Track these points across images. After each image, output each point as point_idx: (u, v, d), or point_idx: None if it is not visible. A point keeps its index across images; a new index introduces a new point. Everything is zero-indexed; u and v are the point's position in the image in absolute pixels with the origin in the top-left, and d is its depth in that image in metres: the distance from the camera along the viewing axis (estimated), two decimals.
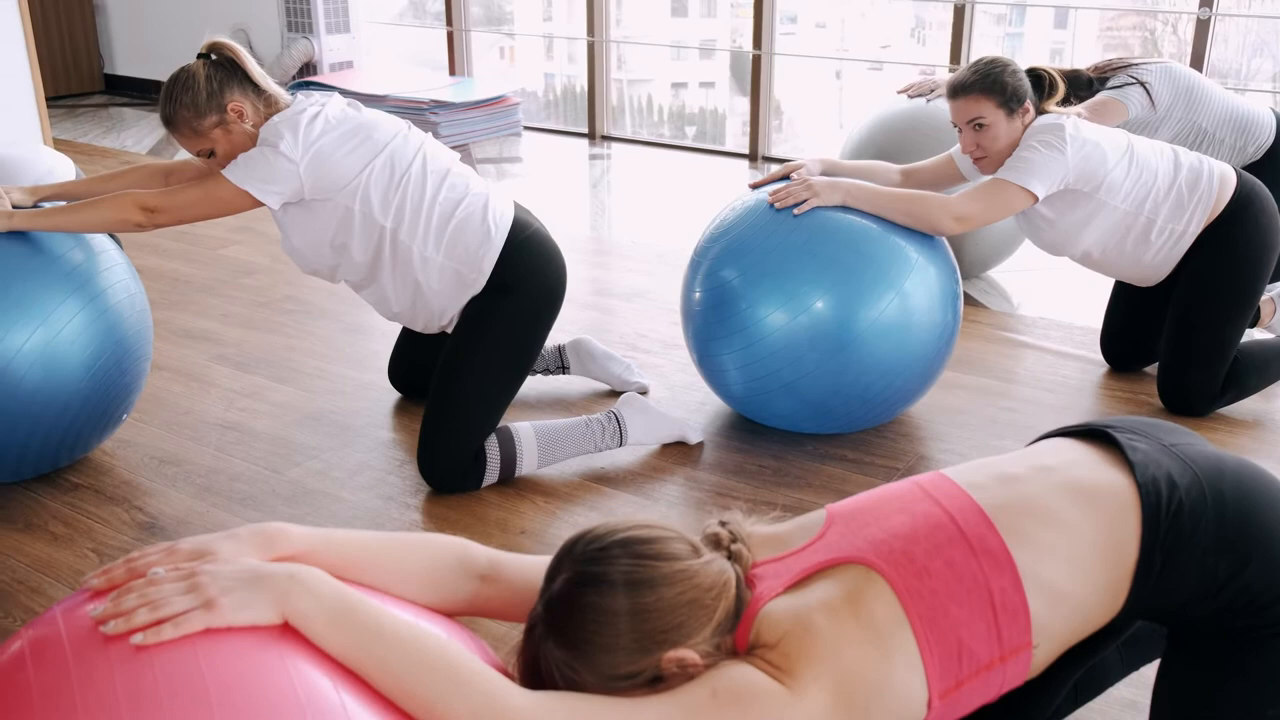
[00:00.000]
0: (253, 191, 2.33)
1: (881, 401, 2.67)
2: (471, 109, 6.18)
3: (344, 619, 1.13)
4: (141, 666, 1.04)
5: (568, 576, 1.24)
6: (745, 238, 2.64)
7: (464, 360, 2.50)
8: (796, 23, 7.65)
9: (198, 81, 2.38)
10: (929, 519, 1.35)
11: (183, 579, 1.13)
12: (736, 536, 1.36)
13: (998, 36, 6.93)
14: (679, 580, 1.23)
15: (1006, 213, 2.68)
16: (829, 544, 1.35)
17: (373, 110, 2.51)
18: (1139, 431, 1.47)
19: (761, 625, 1.27)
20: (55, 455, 2.56)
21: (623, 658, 1.20)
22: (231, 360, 3.31)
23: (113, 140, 6.37)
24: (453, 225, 2.47)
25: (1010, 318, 3.63)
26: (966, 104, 2.71)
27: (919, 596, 1.28)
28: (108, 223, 2.38)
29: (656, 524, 1.30)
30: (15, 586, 2.22)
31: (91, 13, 7.57)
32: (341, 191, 2.40)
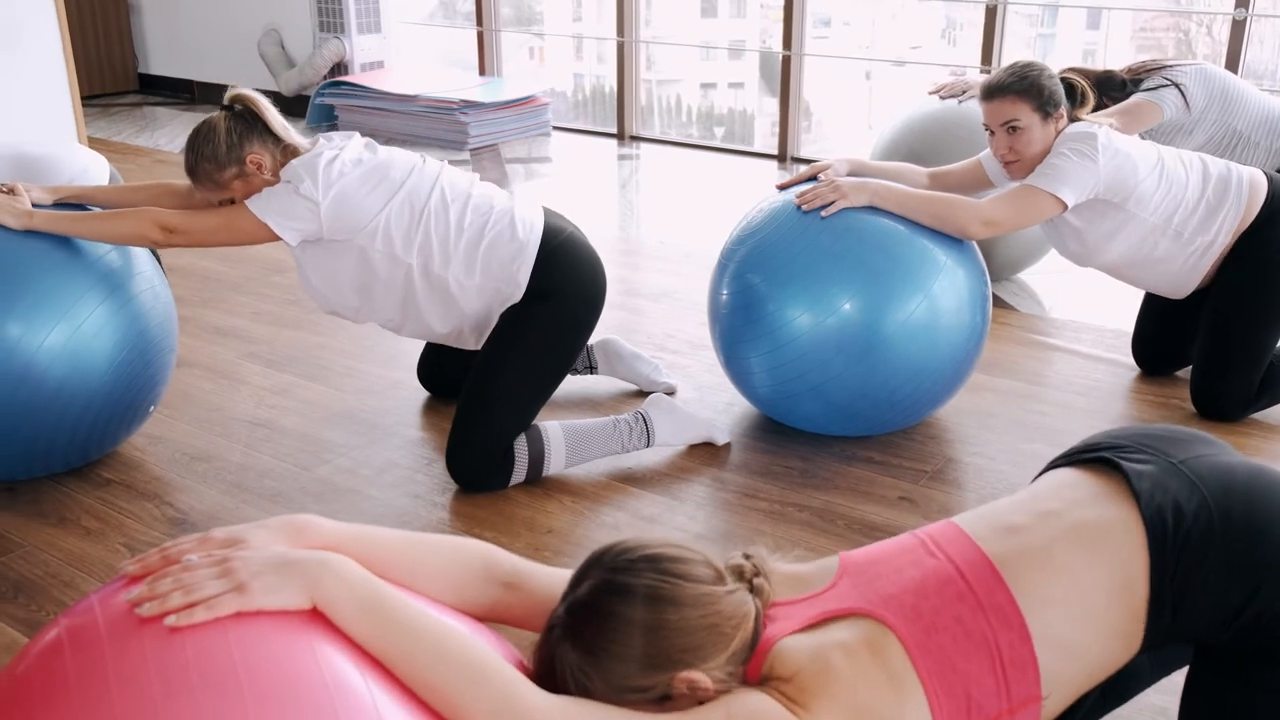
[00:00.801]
0: (272, 225, 2.37)
1: (909, 404, 2.66)
2: (501, 109, 6.19)
3: (372, 607, 1.15)
4: (174, 648, 1.07)
5: (593, 582, 1.26)
6: (773, 239, 2.63)
7: (500, 362, 2.50)
8: (830, 26, 7.63)
9: (218, 135, 2.43)
10: (938, 574, 1.36)
11: (216, 564, 1.15)
12: (760, 571, 1.36)
13: (1030, 37, 6.89)
14: (701, 603, 1.25)
15: (1035, 219, 2.66)
16: (840, 594, 1.36)
17: (388, 149, 2.53)
18: (1148, 449, 1.46)
19: (775, 660, 1.28)
20: (84, 449, 2.58)
21: (634, 670, 1.21)
22: (262, 358, 3.34)
23: (146, 139, 6.43)
24: (484, 246, 2.48)
25: (1040, 320, 3.61)
26: (1002, 105, 2.69)
27: (927, 651, 1.29)
28: (125, 236, 2.41)
29: (687, 547, 1.31)
30: (48, 580, 2.24)
31: (127, 13, 7.64)
32: (360, 232, 2.43)
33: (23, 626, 2.09)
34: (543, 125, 6.43)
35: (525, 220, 2.54)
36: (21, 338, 2.36)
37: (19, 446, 2.46)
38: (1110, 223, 2.76)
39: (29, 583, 2.23)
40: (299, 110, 6.87)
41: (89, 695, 1.04)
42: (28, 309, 2.37)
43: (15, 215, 2.40)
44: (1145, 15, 6.81)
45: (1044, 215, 2.65)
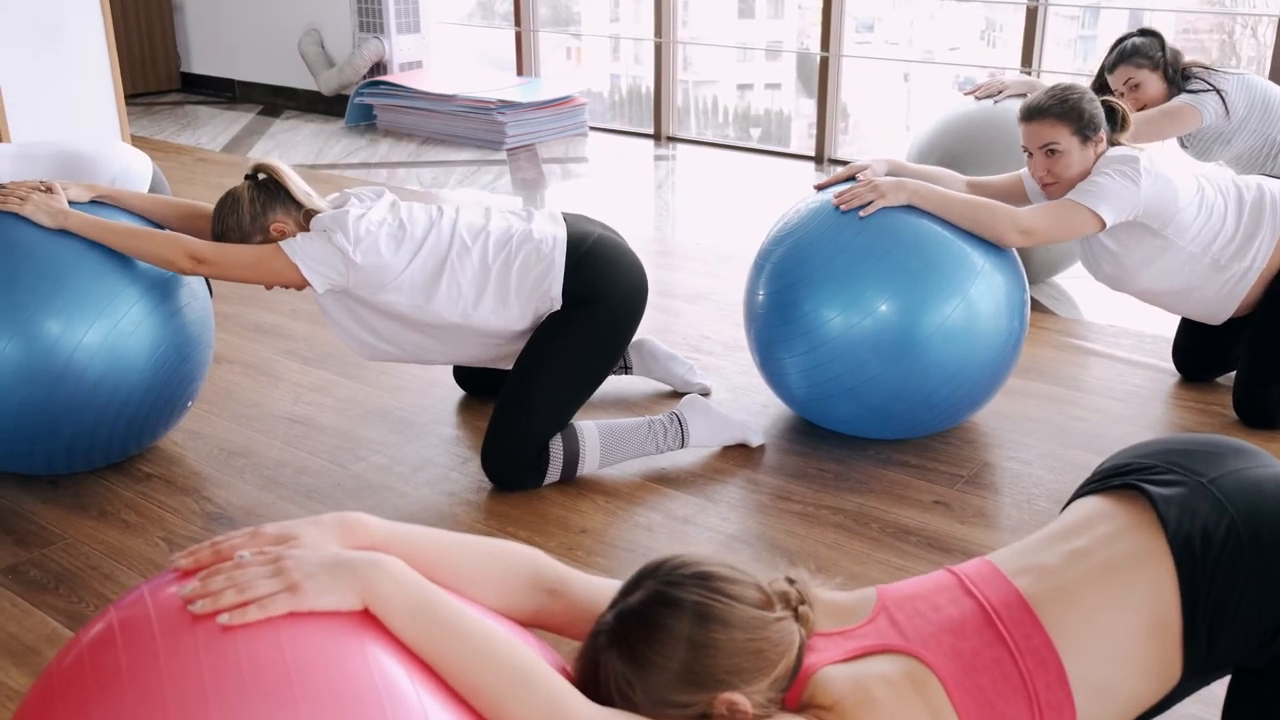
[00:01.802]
0: (302, 268, 2.39)
1: (945, 408, 2.64)
2: (538, 109, 6.21)
3: (422, 610, 1.15)
4: (226, 646, 1.07)
5: (645, 593, 1.26)
6: (809, 240, 2.62)
7: (540, 362, 2.51)
8: (874, 30, 7.59)
9: (242, 205, 2.47)
10: (976, 614, 1.37)
11: (268, 563, 1.16)
12: (805, 598, 1.36)
13: (1070, 39, 6.83)
14: (749, 626, 1.25)
15: (1072, 234, 2.64)
16: (879, 630, 1.36)
17: (408, 206, 2.55)
18: (1176, 468, 1.45)
19: (816, 688, 1.28)
20: (123, 444, 2.61)
21: (676, 684, 1.21)
22: (299, 355, 3.37)
23: (187, 138, 6.50)
24: (513, 276, 2.50)
25: (1078, 324, 3.57)
26: (1041, 128, 2.67)
27: (966, 691, 1.29)
28: (153, 258, 2.45)
29: (739, 569, 1.31)
30: (89, 572, 2.27)
31: (170, 12, 7.73)
32: (384, 289, 2.45)
33: (63, 617, 2.12)
34: (579, 125, 6.44)
35: (546, 236, 2.54)
36: (61, 335, 2.39)
37: (60, 442, 2.49)
38: (1147, 249, 2.75)
39: (70, 574, 2.26)
40: (338, 110, 6.92)
41: (143, 689, 1.04)
42: (67, 306, 2.40)
43: (51, 214, 2.44)
44: (1188, 16, 6.73)
45: (1081, 231, 2.63)
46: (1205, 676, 1.40)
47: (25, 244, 2.42)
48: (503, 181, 5.50)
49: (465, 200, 5.17)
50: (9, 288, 2.37)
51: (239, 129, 6.73)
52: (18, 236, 2.42)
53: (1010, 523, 2.44)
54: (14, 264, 2.39)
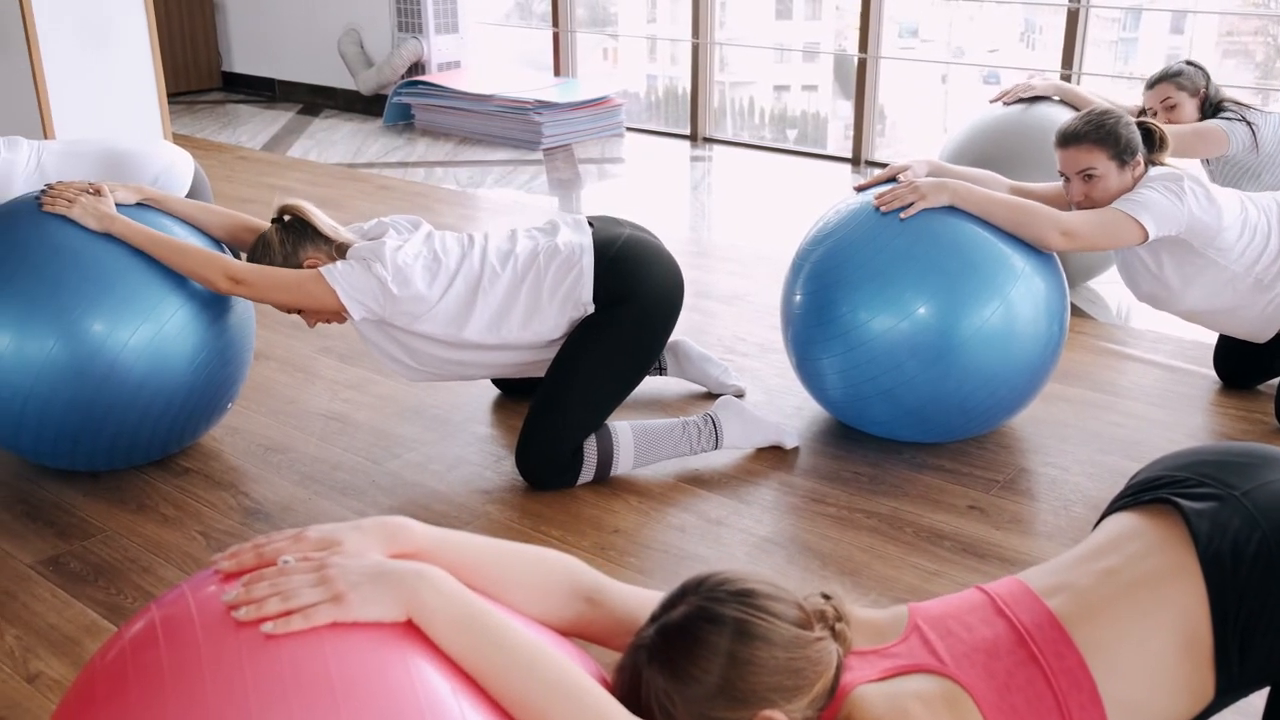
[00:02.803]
0: (340, 295, 2.41)
1: (982, 411, 2.62)
2: (575, 109, 6.22)
3: (467, 623, 1.14)
4: (269, 654, 1.07)
5: (687, 608, 1.26)
6: (848, 241, 2.61)
7: (576, 363, 2.52)
8: (917, 36, 7.55)
9: (273, 248, 2.51)
10: (1009, 634, 1.37)
11: (312, 570, 1.15)
12: (842, 616, 1.36)
13: (1111, 41, 6.76)
14: (790, 645, 1.25)
15: (1114, 242, 2.62)
16: (912, 649, 1.36)
17: (441, 236, 2.58)
18: (1210, 480, 1.44)
19: (852, 707, 1.28)
20: (164, 443, 2.64)
21: (716, 700, 1.21)
22: (336, 352, 3.39)
23: (228, 136, 6.56)
24: (544, 291, 2.52)
25: (1117, 329, 3.54)
26: (1077, 154, 2.66)
27: (1001, 712, 1.29)
28: (192, 274, 2.48)
29: (780, 586, 1.32)
30: (127, 565, 2.30)
31: (212, 12, 7.81)
32: (420, 319, 2.47)
33: (102, 609, 2.15)
34: (616, 126, 6.45)
35: (573, 245, 2.55)
36: (107, 337, 2.42)
37: (104, 440, 2.52)
38: (1190, 268, 2.72)
39: (109, 567, 2.29)
40: (377, 109, 6.97)
41: (186, 693, 1.05)
42: (113, 309, 2.43)
43: (97, 218, 2.47)
44: (1231, 19, 6.64)
45: (1124, 240, 2.61)
46: (1239, 692, 1.39)
47: (73, 247, 2.45)
48: (539, 181, 5.52)
49: (501, 200, 5.19)
50: (57, 289, 2.41)
51: (279, 128, 6.79)
52: (65, 239, 2.46)
53: (1046, 529, 2.42)
54: (61, 266, 2.43)
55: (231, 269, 2.44)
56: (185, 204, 2.68)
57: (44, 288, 2.41)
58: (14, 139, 3.38)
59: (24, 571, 2.28)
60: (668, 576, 2.22)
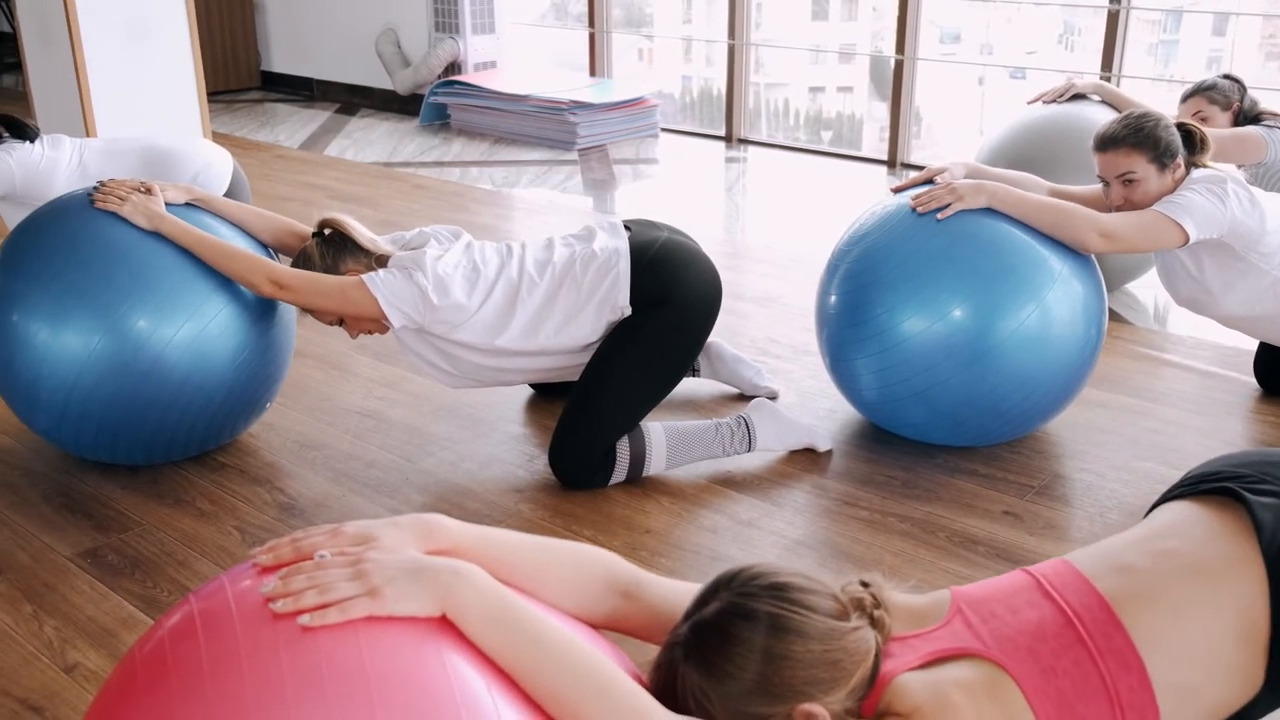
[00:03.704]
0: (382, 304, 2.43)
1: (1017, 415, 2.60)
2: (610, 110, 6.23)
3: (502, 619, 1.15)
4: (306, 646, 1.08)
5: (720, 604, 1.26)
6: (884, 242, 2.60)
7: (613, 362, 2.53)
8: (959, 42, 7.49)
9: (314, 262, 2.53)
10: (1056, 617, 1.35)
11: (349, 565, 1.16)
12: (880, 603, 1.35)
13: (1151, 44, 6.69)
14: (826, 637, 1.24)
15: (1154, 244, 2.59)
16: (954, 632, 1.35)
17: (480, 246, 2.59)
18: (1270, 477, 1.42)
19: (893, 695, 1.27)
20: (202, 440, 2.67)
21: (756, 697, 1.21)
22: (371, 350, 3.41)
23: (266, 135, 6.62)
24: (581, 297, 2.53)
25: (1155, 334, 3.51)
26: (1116, 158, 2.63)
27: (1045, 696, 1.28)
28: (236, 276, 2.51)
29: (814, 578, 1.31)
30: (164, 559, 2.32)
31: (252, 12, 7.88)
32: (459, 328, 2.49)
33: (139, 602, 2.17)
34: (651, 127, 6.45)
35: (608, 249, 2.56)
36: (152, 334, 2.45)
37: (144, 436, 2.55)
38: (1230, 272, 2.69)
39: (145, 560, 2.32)
40: (413, 109, 7.01)
41: (224, 684, 1.06)
42: (159, 307, 2.46)
43: (147, 216, 2.50)
44: (1274, 21, 6.56)
45: (1164, 242, 2.58)
46: None
47: (122, 244, 2.49)
48: (574, 182, 5.53)
49: (535, 200, 5.20)
50: (105, 286, 2.44)
51: (316, 127, 6.84)
52: (115, 236, 2.49)
53: (1081, 535, 2.40)
54: (110, 263, 2.46)
55: (275, 274, 2.47)
56: (233, 206, 2.71)
57: (92, 282, 2.44)
58: (57, 137, 3.42)
59: (63, 563, 2.31)
60: (699, 578, 2.20)
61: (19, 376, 2.49)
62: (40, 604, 2.17)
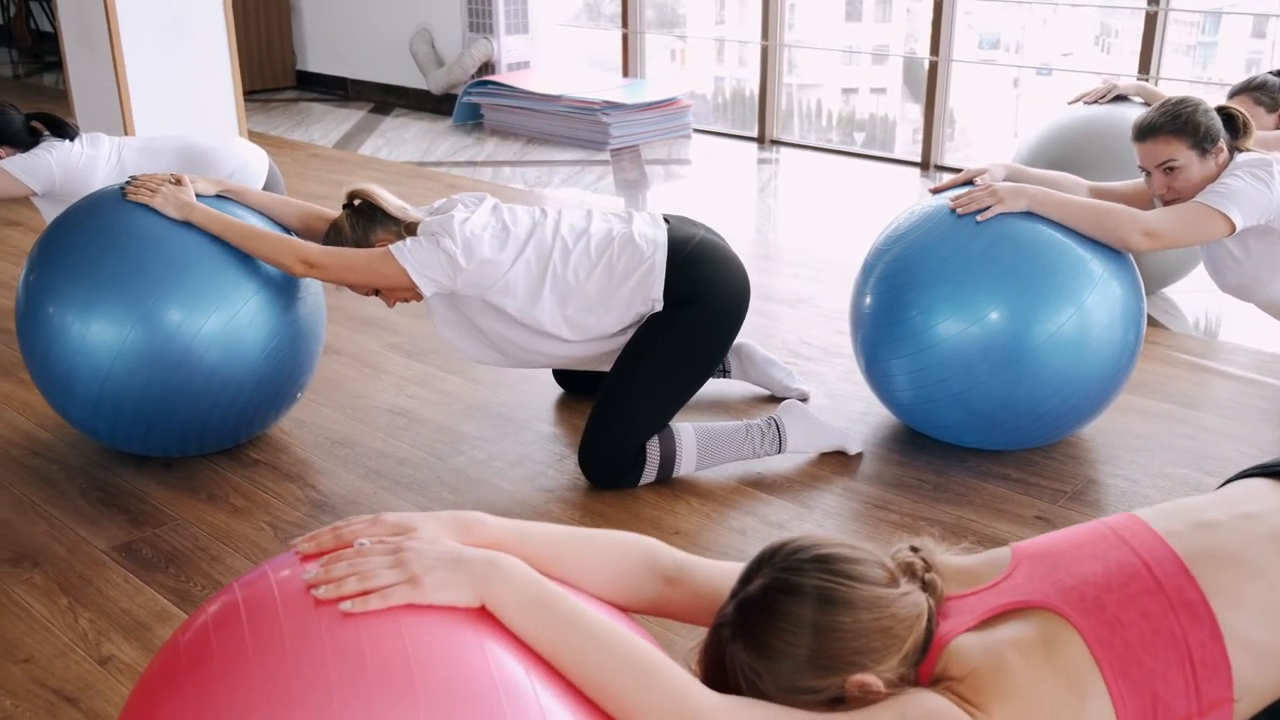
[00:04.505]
0: (411, 273, 2.44)
1: (1053, 419, 2.58)
2: (643, 110, 6.23)
3: (540, 607, 1.16)
4: (348, 631, 1.10)
5: (764, 581, 1.25)
6: (921, 243, 2.59)
7: (641, 361, 2.52)
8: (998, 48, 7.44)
9: (344, 234, 2.56)
10: (1123, 567, 1.31)
11: (389, 553, 1.17)
12: (930, 566, 1.33)
13: (1189, 45, 6.62)
14: (874, 606, 1.22)
15: (1200, 238, 2.55)
16: (1015, 586, 1.32)
17: (510, 209, 2.59)
18: None
19: (949, 659, 1.25)
20: (234, 431, 2.69)
21: (806, 671, 1.20)
22: (403, 348, 3.43)
23: (301, 134, 6.66)
24: (615, 279, 2.52)
25: (1192, 340, 3.47)
26: (1155, 146, 2.60)
27: (1110, 647, 1.24)
28: (267, 258, 2.53)
29: (859, 546, 1.29)
30: (197, 553, 2.34)
31: (288, 12, 7.94)
32: (490, 290, 2.49)
33: (173, 595, 2.19)
34: (683, 127, 6.45)
35: (647, 238, 2.55)
36: (182, 323, 2.47)
37: (176, 426, 2.58)
38: (1276, 257, 2.64)
39: (179, 554, 2.34)
40: (447, 109, 7.03)
41: (268, 669, 1.07)
42: (189, 297, 2.48)
43: (178, 207, 2.53)
44: None
45: (1210, 235, 2.54)
46: None
47: (153, 235, 2.52)
48: (606, 182, 5.53)
49: (568, 200, 5.21)
50: (137, 276, 2.47)
51: (350, 126, 6.88)
52: (147, 227, 2.52)
53: None
54: (142, 253, 2.49)
55: (304, 252, 2.49)
56: (261, 195, 2.74)
57: (125, 274, 2.47)
58: (96, 135, 3.46)
59: (98, 557, 2.33)
60: None
61: (54, 368, 2.52)
62: (76, 596, 2.20)
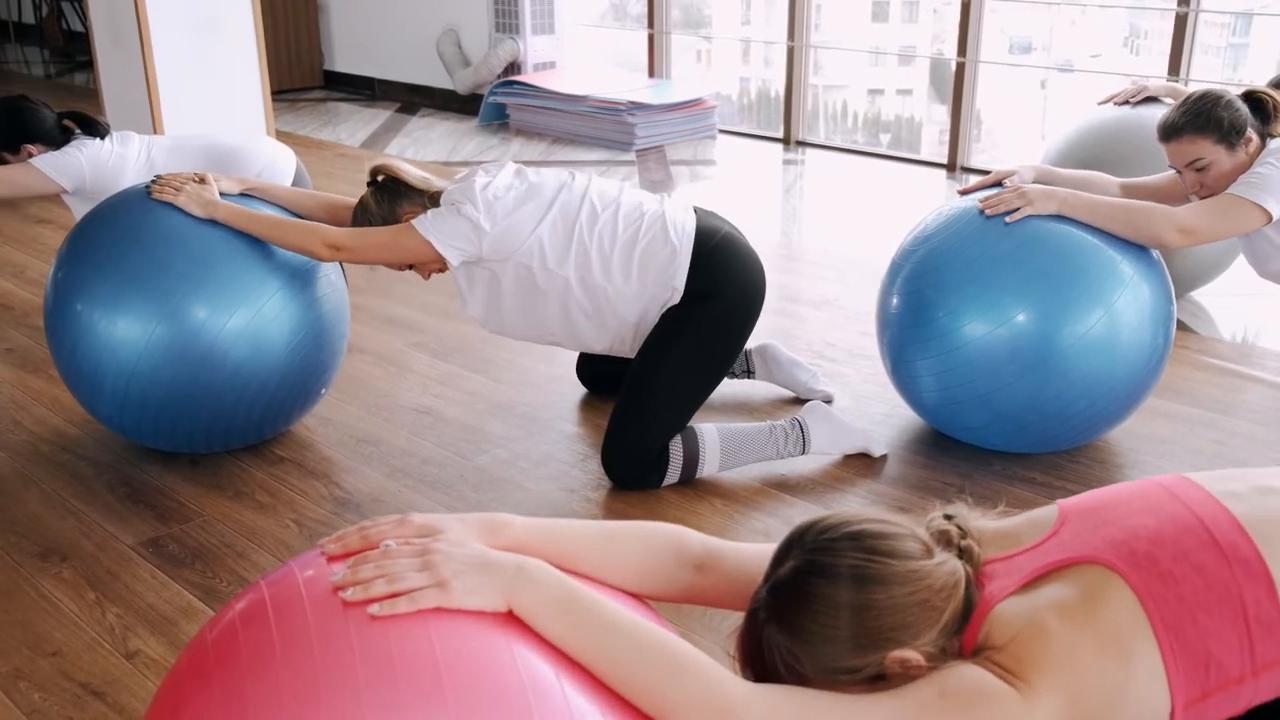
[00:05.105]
0: (435, 244, 2.44)
1: (1080, 422, 2.56)
2: (668, 111, 6.23)
3: (568, 610, 1.15)
4: (377, 632, 1.09)
5: (796, 564, 1.23)
6: (949, 244, 2.58)
7: (660, 360, 2.53)
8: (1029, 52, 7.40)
9: (370, 210, 2.58)
10: (1176, 522, 1.27)
11: (416, 555, 1.17)
12: (966, 532, 1.31)
13: (1219, 47, 6.56)
14: (909, 580, 1.20)
15: (1236, 230, 2.53)
16: (1063, 542, 1.28)
17: (536, 172, 2.59)
18: None
19: (992, 626, 1.23)
20: (259, 427, 2.71)
21: (844, 651, 1.19)
22: (428, 347, 3.44)
23: (329, 134, 6.70)
24: (638, 254, 2.51)
25: (1221, 344, 3.44)
26: (1181, 146, 2.58)
27: (1164, 602, 1.21)
28: (294, 247, 2.54)
29: (890, 519, 1.27)
30: (223, 550, 2.36)
31: (315, 12, 7.98)
32: (517, 251, 2.49)
33: (199, 591, 2.21)
34: (709, 128, 6.44)
35: (677, 223, 2.55)
36: (207, 320, 2.49)
37: (202, 422, 2.60)
38: None
39: (205, 550, 2.35)
40: (473, 109, 7.05)
41: (296, 668, 1.07)
42: (214, 294, 2.50)
43: (202, 205, 2.55)
44: None
45: (1246, 226, 2.52)
46: None
47: (178, 233, 2.54)
48: (631, 183, 5.53)
49: None
50: (162, 274, 2.49)
51: (377, 126, 6.91)
52: (171, 225, 2.55)
53: None
54: (167, 251, 2.51)
55: (330, 237, 2.51)
56: (285, 190, 2.77)
57: (151, 270, 2.50)
58: (126, 134, 3.49)
59: (125, 552, 2.35)
60: None
61: (82, 364, 2.54)
62: (103, 591, 2.21)
